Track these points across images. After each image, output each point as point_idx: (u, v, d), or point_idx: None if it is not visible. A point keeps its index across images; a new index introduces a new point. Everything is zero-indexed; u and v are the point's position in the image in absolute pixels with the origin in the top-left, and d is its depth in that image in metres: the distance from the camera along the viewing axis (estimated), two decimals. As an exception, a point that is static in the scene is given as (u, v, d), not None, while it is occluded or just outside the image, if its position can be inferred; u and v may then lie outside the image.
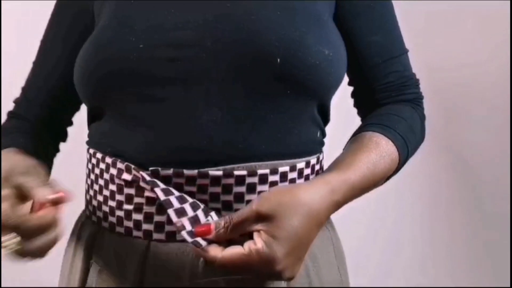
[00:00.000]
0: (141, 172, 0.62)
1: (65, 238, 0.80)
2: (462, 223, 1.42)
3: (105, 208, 0.67)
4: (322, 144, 0.73)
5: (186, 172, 0.61)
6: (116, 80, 0.63)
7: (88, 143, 0.72)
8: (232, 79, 0.62)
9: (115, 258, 0.66)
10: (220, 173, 0.61)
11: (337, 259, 0.72)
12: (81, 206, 0.74)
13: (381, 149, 0.68)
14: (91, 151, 0.70)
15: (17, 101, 0.81)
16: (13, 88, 0.85)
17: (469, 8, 1.32)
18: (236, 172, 0.62)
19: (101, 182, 0.68)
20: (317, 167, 0.69)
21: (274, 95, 0.63)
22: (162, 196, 0.60)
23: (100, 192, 0.68)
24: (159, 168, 0.62)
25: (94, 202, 0.69)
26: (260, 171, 0.62)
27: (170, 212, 0.59)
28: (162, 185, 0.61)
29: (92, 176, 0.69)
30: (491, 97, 1.34)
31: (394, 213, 1.45)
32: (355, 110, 0.82)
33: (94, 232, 0.69)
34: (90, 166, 0.70)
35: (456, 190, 1.42)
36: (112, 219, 0.66)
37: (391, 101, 0.76)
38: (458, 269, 1.43)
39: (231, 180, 0.61)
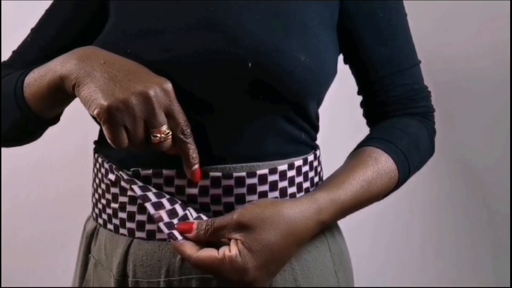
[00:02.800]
0: (120, 172, 0.65)
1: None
2: (462, 223, 1.42)
3: (100, 206, 0.70)
4: (312, 146, 0.72)
5: (165, 172, 0.63)
6: None
7: (95, 144, 0.75)
8: (209, 82, 0.62)
9: (105, 253, 0.69)
10: None
11: (335, 264, 0.70)
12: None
13: (379, 166, 0.67)
14: (94, 152, 0.73)
15: (7, 62, 0.76)
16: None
17: (469, 8, 1.32)
18: (212, 174, 0.62)
19: (97, 181, 0.71)
20: (304, 168, 0.68)
21: (249, 98, 0.63)
22: (139, 192, 0.62)
23: (97, 190, 0.71)
24: (140, 169, 0.64)
25: (93, 200, 0.72)
26: (236, 174, 0.63)
27: (148, 205, 0.61)
28: (140, 183, 0.63)
29: (93, 175, 0.72)
30: (492, 98, 1.34)
31: (392, 214, 1.45)
32: (353, 112, 0.82)
33: (93, 228, 0.72)
34: (94, 165, 0.73)
35: (456, 191, 1.42)
36: (104, 216, 0.69)
37: (399, 114, 0.75)
38: (457, 269, 1.43)
39: (206, 182, 0.62)
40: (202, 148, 0.62)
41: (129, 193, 0.65)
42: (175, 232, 0.59)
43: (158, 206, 0.61)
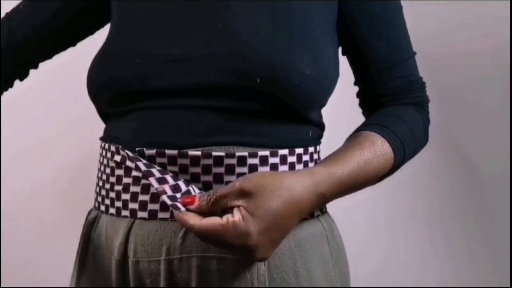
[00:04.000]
0: (126, 151, 0.66)
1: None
2: (462, 222, 1.42)
3: (103, 192, 0.71)
4: (317, 142, 0.74)
5: (168, 151, 0.64)
6: (116, 96, 0.69)
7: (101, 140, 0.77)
8: (216, 95, 0.65)
9: (105, 237, 0.70)
10: (198, 153, 0.64)
11: (333, 256, 0.71)
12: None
13: (375, 148, 0.69)
14: (101, 142, 0.74)
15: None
16: (13, 88, 0.85)
17: (469, 8, 1.33)
18: (214, 153, 0.64)
19: (102, 168, 0.73)
20: (305, 157, 0.70)
21: (257, 106, 0.66)
22: (143, 168, 0.64)
23: (101, 177, 0.73)
24: (144, 149, 0.65)
25: (97, 189, 0.74)
26: (238, 153, 0.64)
27: (152, 180, 0.62)
28: (144, 161, 0.65)
29: (98, 165, 0.74)
30: (492, 97, 1.34)
31: (392, 213, 1.45)
32: (354, 111, 0.83)
33: (94, 217, 0.73)
34: (100, 155, 0.75)
35: (456, 190, 1.42)
36: (107, 201, 0.70)
37: (395, 104, 0.77)
38: (457, 269, 1.43)
39: (209, 161, 0.64)
40: (208, 134, 0.65)
41: (133, 173, 0.66)
42: (178, 204, 0.60)
43: (162, 181, 0.62)
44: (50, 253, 1.49)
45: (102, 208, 0.71)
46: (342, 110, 1.26)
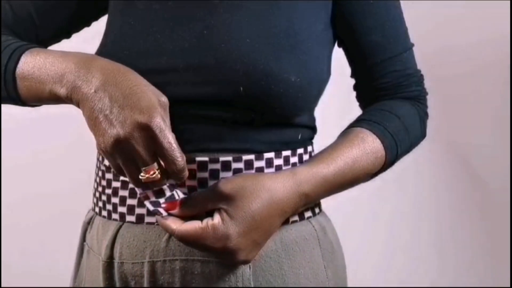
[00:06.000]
0: None
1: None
2: (462, 222, 1.42)
3: (97, 194, 0.72)
4: (308, 143, 0.73)
5: None
6: None
7: None
8: (199, 104, 0.64)
9: (97, 238, 0.70)
10: None
11: (325, 258, 0.70)
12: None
13: (365, 145, 0.68)
14: None
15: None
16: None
17: (469, 8, 1.33)
18: (198, 159, 0.64)
19: (96, 170, 0.73)
20: (293, 159, 0.69)
21: (241, 113, 0.65)
22: None
23: (95, 179, 0.73)
24: None
25: (93, 190, 0.74)
26: (222, 158, 0.64)
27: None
28: None
29: (95, 167, 0.74)
30: (491, 96, 1.34)
31: (391, 212, 1.45)
32: (348, 108, 0.82)
33: (90, 217, 0.74)
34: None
35: (456, 190, 1.42)
36: (100, 204, 0.71)
37: (391, 98, 0.76)
38: (457, 269, 1.43)
39: (193, 166, 0.64)
40: (192, 141, 0.64)
41: (122, 177, 0.66)
42: (161, 209, 0.61)
43: (146, 186, 0.62)
44: (50, 252, 1.49)
45: (97, 209, 0.72)
46: (336, 107, 1.26)
